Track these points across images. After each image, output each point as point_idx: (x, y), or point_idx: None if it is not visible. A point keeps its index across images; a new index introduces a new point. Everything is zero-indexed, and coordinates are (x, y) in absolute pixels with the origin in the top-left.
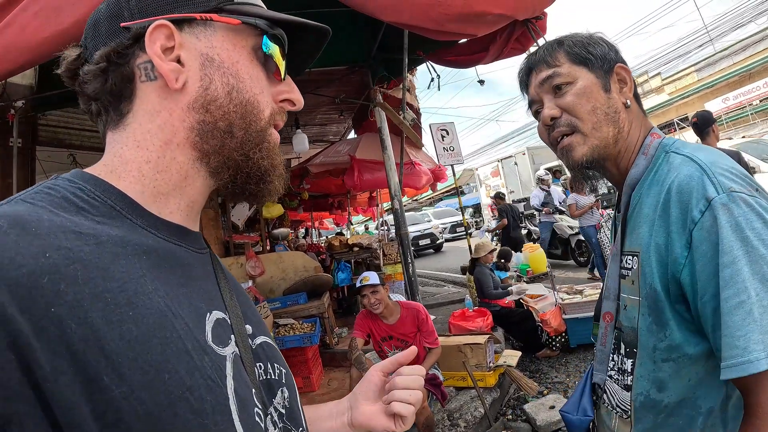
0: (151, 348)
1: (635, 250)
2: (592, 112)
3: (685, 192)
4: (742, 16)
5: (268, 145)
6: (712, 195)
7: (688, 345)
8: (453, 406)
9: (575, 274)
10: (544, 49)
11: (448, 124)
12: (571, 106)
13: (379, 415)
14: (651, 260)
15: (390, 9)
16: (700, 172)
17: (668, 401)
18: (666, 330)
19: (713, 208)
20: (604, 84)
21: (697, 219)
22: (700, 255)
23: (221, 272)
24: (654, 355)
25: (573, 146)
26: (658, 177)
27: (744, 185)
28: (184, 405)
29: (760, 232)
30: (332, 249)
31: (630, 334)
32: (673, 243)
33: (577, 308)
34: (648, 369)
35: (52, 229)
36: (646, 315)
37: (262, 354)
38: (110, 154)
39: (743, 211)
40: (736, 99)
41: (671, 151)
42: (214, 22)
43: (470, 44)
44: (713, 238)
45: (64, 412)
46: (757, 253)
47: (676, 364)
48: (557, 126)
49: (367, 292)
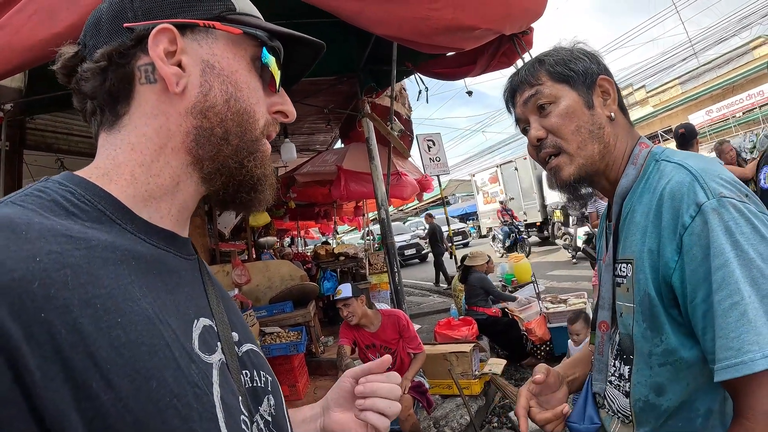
0: (140, 355)
1: (629, 258)
2: (576, 132)
3: (676, 197)
4: (726, 30)
5: (261, 154)
6: (702, 200)
7: (683, 349)
8: (439, 413)
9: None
10: (526, 69)
11: (435, 134)
12: (555, 128)
13: (351, 424)
14: (644, 266)
15: (380, 22)
16: (691, 178)
17: (668, 405)
18: (661, 335)
19: (704, 212)
20: (587, 101)
21: (687, 224)
22: (690, 258)
23: (209, 279)
24: (650, 360)
25: (560, 167)
26: (649, 185)
27: (734, 191)
28: (171, 412)
29: (749, 236)
30: (318, 258)
31: (626, 341)
32: (664, 247)
33: (562, 317)
34: (645, 375)
35: (43, 232)
36: (641, 321)
37: (249, 361)
38: (103, 156)
39: (733, 216)
40: (719, 111)
41: (662, 159)
42: (217, 30)
43: (458, 57)
44: (704, 241)
45: (54, 418)
46: (747, 256)
47: (674, 368)
48: (543, 147)
49: (340, 305)
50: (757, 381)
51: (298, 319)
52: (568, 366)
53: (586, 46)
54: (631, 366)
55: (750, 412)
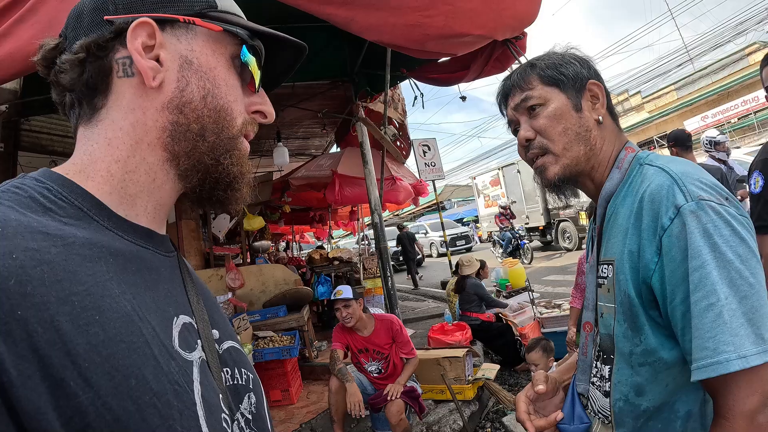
0: (118, 353)
1: (610, 259)
2: (563, 133)
3: (656, 200)
4: (721, 37)
5: (238, 152)
6: (681, 203)
7: (663, 349)
8: (431, 419)
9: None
10: (518, 74)
11: (430, 140)
12: (543, 129)
13: None
14: (625, 267)
15: (372, 29)
16: (671, 181)
17: (647, 405)
18: (641, 335)
19: (682, 214)
20: (576, 104)
21: (666, 225)
22: (669, 260)
23: (188, 276)
24: (631, 360)
25: (546, 166)
26: (632, 188)
27: (713, 194)
28: (151, 411)
29: (728, 238)
30: (313, 262)
31: (606, 341)
32: (644, 249)
33: (556, 322)
34: (626, 374)
35: (19, 229)
36: (621, 321)
37: (229, 359)
38: (80, 151)
39: (711, 218)
40: (714, 117)
41: (645, 163)
42: (197, 26)
43: (452, 62)
44: (682, 243)
45: (31, 417)
46: (725, 258)
47: (653, 369)
48: (532, 147)
49: (339, 306)
50: (735, 381)
51: (291, 324)
52: (563, 371)
53: (578, 51)
54: (611, 366)
55: (729, 412)
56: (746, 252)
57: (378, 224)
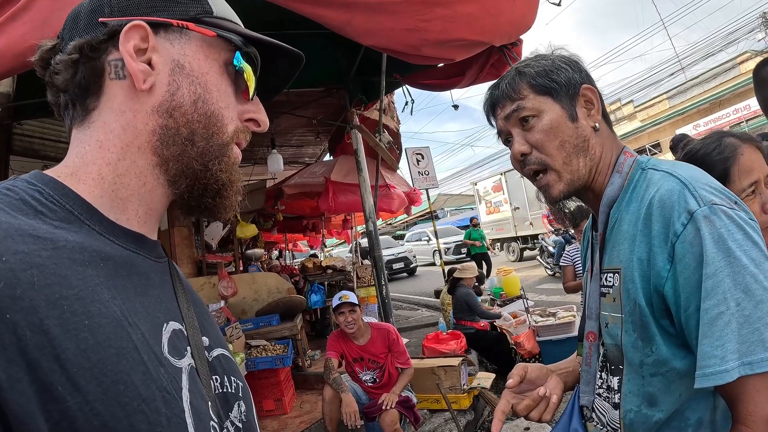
0: (107, 358)
1: (616, 268)
2: (560, 147)
3: (666, 206)
4: (713, 46)
5: (228, 160)
6: (693, 208)
7: (675, 359)
8: (427, 428)
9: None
10: (507, 82)
11: (424, 148)
12: (539, 143)
13: None
14: (634, 275)
15: (369, 33)
16: (681, 186)
17: (660, 416)
18: (652, 345)
19: (695, 220)
20: (571, 114)
21: (679, 232)
22: (683, 267)
23: (179, 282)
24: (642, 370)
25: (550, 185)
26: (636, 194)
27: (724, 198)
28: (139, 417)
29: (742, 242)
30: (306, 271)
31: (614, 351)
32: (655, 257)
33: (551, 330)
34: (637, 384)
35: (9, 232)
36: (630, 331)
37: (219, 367)
38: (73, 153)
39: (725, 223)
40: (706, 126)
41: (648, 168)
42: (190, 31)
43: (447, 68)
44: (697, 249)
45: (19, 421)
46: (739, 263)
47: (666, 378)
48: (528, 163)
49: (345, 310)
50: (754, 387)
51: (284, 333)
52: (561, 363)
53: (565, 52)
54: (621, 376)
55: (748, 417)
56: (759, 256)
57: (372, 232)
